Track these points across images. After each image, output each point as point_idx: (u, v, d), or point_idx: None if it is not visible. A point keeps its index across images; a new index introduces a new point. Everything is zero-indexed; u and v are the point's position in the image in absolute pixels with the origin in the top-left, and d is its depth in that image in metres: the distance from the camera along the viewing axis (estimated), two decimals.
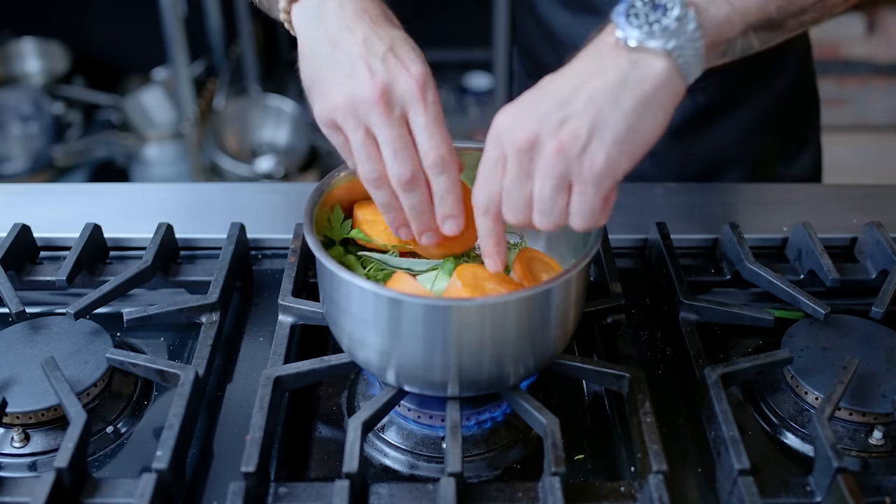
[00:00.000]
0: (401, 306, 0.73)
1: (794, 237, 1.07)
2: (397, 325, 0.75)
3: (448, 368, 0.76)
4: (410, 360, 0.77)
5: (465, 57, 3.81)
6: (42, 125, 3.11)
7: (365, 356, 0.80)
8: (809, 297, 0.94)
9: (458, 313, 0.74)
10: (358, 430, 0.77)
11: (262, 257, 1.12)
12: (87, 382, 0.87)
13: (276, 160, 3.24)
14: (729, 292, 1.05)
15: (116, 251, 1.10)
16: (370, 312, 0.76)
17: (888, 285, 0.97)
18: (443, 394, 0.79)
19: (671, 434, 0.85)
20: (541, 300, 0.75)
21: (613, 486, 0.77)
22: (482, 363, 0.77)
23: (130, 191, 1.26)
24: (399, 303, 0.73)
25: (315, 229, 0.81)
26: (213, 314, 0.95)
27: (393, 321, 0.75)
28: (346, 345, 0.82)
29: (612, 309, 0.94)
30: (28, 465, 0.84)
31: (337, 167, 0.88)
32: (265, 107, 3.36)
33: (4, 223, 1.05)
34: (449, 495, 0.73)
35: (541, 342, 0.79)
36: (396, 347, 0.76)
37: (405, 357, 0.77)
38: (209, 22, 3.41)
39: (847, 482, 0.73)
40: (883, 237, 1.03)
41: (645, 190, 1.21)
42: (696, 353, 0.90)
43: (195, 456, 0.84)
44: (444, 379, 0.77)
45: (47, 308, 1.02)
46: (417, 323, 0.74)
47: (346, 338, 0.81)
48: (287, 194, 1.22)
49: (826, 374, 0.87)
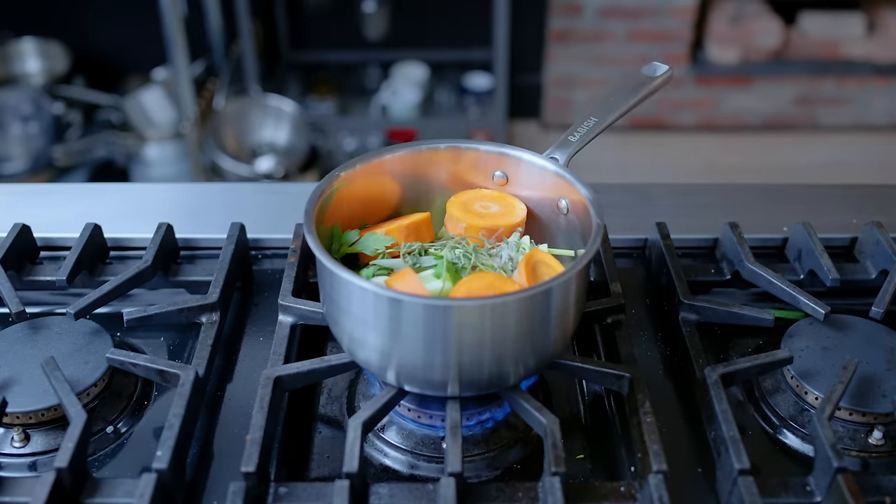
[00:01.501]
0: (401, 306, 0.74)
1: (794, 237, 1.07)
2: (398, 324, 0.75)
3: (448, 368, 0.76)
4: (411, 359, 0.77)
5: (465, 57, 3.81)
6: (42, 125, 3.11)
7: (365, 356, 0.80)
8: (809, 297, 0.94)
9: (458, 313, 0.74)
10: (358, 430, 0.77)
11: (262, 257, 1.12)
12: (87, 382, 0.87)
13: (276, 160, 3.24)
14: (729, 292, 1.05)
15: (116, 251, 1.10)
16: (370, 312, 0.76)
17: (888, 285, 0.97)
18: (443, 393, 0.79)
19: (671, 434, 0.85)
20: (540, 300, 0.75)
21: (613, 486, 0.77)
22: (482, 363, 0.77)
23: (130, 191, 1.26)
24: (399, 302, 0.73)
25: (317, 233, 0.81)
26: (213, 314, 0.95)
27: (393, 321, 0.75)
28: (347, 344, 0.82)
29: (612, 309, 0.94)
30: (28, 465, 0.84)
31: (337, 167, 0.88)
32: (265, 107, 3.37)
33: (4, 223, 1.05)
34: (449, 495, 0.73)
35: (541, 342, 0.79)
36: (397, 347, 0.76)
37: (405, 357, 0.77)
38: (209, 22, 3.41)
39: (847, 482, 0.73)
40: (883, 237, 1.03)
41: (645, 190, 1.21)
42: (696, 353, 0.90)
43: (195, 456, 0.84)
44: (444, 379, 0.77)
45: (47, 308, 1.02)
46: (418, 323, 0.74)
47: (346, 337, 0.81)
48: (287, 194, 1.22)
49: (826, 374, 0.87)
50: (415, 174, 0.93)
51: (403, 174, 0.93)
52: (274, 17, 3.77)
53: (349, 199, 0.89)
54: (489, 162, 0.93)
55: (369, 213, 0.92)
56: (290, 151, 3.33)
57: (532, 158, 0.91)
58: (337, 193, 0.87)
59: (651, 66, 0.97)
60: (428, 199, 0.95)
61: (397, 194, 0.93)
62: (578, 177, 0.86)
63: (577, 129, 0.91)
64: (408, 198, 0.94)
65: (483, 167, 0.93)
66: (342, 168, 0.87)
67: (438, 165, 0.93)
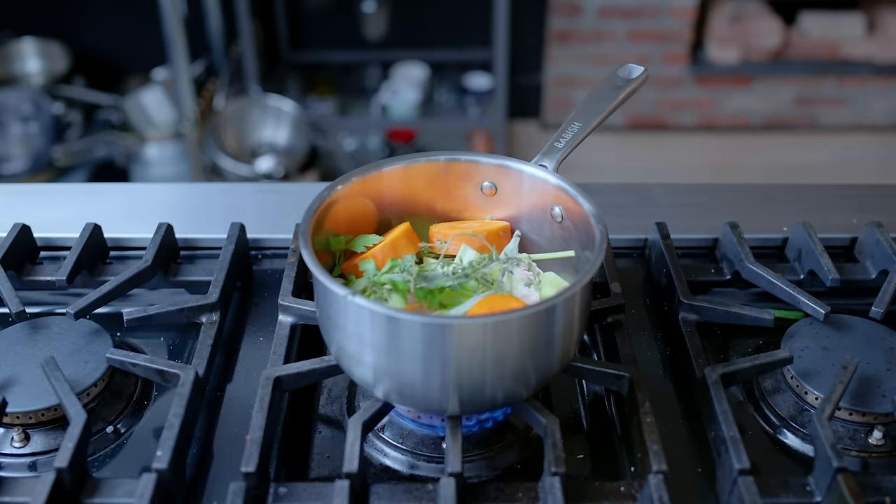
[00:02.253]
0: (398, 324, 0.72)
1: (794, 237, 1.07)
2: (396, 343, 0.73)
3: (447, 388, 0.75)
4: (409, 379, 0.75)
5: (465, 57, 3.81)
6: (42, 125, 3.11)
7: (360, 373, 0.78)
8: (809, 297, 0.94)
9: (458, 332, 0.72)
10: (358, 430, 0.77)
11: (262, 257, 1.12)
12: (87, 382, 0.87)
13: (276, 160, 3.24)
14: (729, 292, 1.05)
15: (116, 251, 1.10)
16: (366, 329, 0.74)
17: (888, 285, 0.97)
18: (442, 412, 0.79)
19: (671, 434, 0.85)
20: (544, 317, 0.74)
21: (613, 486, 0.77)
22: (484, 383, 0.75)
23: (130, 191, 1.26)
24: (397, 321, 0.72)
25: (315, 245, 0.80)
26: (213, 314, 0.95)
27: (392, 339, 0.73)
28: (341, 360, 0.81)
29: (612, 309, 0.94)
30: (28, 465, 0.84)
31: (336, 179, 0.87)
32: (265, 107, 3.37)
33: (4, 223, 1.05)
34: (449, 495, 0.73)
35: (544, 360, 0.77)
36: (393, 366, 0.75)
37: (404, 377, 0.75)
38: (209, 22, 3.41)
39: (847, 482, 0.73)
40: (883, 237, 1.03)
41: (645, 190, 1.21)
42: (696, 353, 0.90)
43: (195, 456, 0.84)
44: (442, 399, 0.76)
45: (47, 308, 1.02)
46: (416, 342, 0.72)
47: (342, 353, 0.80)
48: (287, 194, 1.22)
49: (826, 374, 0.87)
50: (403, 190, 0.92)
51: (391, 190, 0.91)
52: (274, 17, 3.77)
53: (348, 208, 0.89)
54: (477, 173, 0.92)
55: (360, 225, 0.91)
56: (290, 151, 3.33)
57: (521, 167, 0.90)
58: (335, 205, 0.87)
59: (626, 67, 0.98)
60: (417, 211, 0.94)
61: (385, 209, 0.92)
62: (575, 185, 0.85)
63: (562, 134, 0.91)
64: (397, 212, 0.93)
65: (471, 178, 0.92)
66: (341, 180, 0.87)
67: (425, 179, 0.92)
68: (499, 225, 0.92)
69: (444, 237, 0.91)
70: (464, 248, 0.89)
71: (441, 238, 0.91)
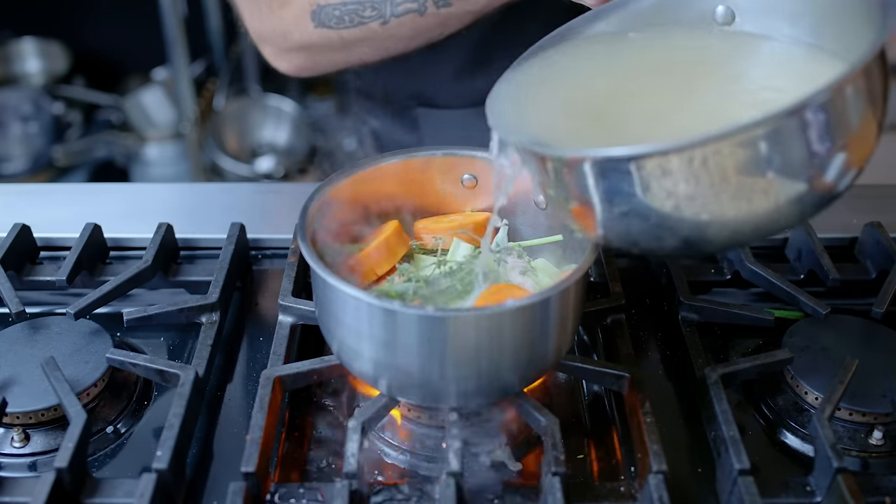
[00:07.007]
0: (395, 317, 0.72)
1: (794, 237, 1.07)
2: (393, 335, 0.73)
3: (445, 380, 0.75)
4: (406, 371, 0.76)
5: None
6: (42, 125, 3.11)
7: (360, 367, 0.79)
8: (809, 297, 0.94)
9: (453, 324, 0.72)
10: (358, 430, 0.77)
11: (262, 257, 1.12)
12: (87, 382, 0.87)
13: (276, 160, 3.24)
14: (729, 292, 1.05)
15: (116, 251, 1.10)
16: (364, 323, 0.75)
17: (888, 285, 0.97)
18: (440, 405, 0.79)
19: (671, 434, 0.85)
20: (538, 310, 0.74)
21: (613, 486, 0.77)
22: (479, 374, 0.75)
23: (130, 191, 1.26)
24: (394, 314, 0.72)
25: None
26: (213, 314, 0.95)
27: (389, 332, 0.73)
28: (341, 355, 0.81)
29: (612, 309, 0.94)
30: (28, 465, 0.84)
31: (335, 173, 0.87)
32: (265, 107, 3.36)
33: (4, 223, 1.05)
34: (449, 495, 0.73)
35: (539, 352, 0.77)
36: (393, 359, 0.75)
37: (401, 368, 0.76)
38: (209, 22, 3.41)
39: (847, 482, 0.73)
40: (883, 237, 1.03)
41: None
42: (696, 353, 0.90)
43: (195, 456, 0.84)
44: (440, 390, 0.76)
45: (47, 308, 1.02)
46: (412, 334, 0.73)
47: (342, 348, 0.80)
48: (287, 194, 1.22)
49: (826, 374, 0.87)
50: (384, 188, 0.92)
51: (371, 190, 0.91)
52: None
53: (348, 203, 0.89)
54: (457, 166, 0.92)
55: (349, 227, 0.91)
56: (290, 151, 3.33)
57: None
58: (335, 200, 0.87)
59: None
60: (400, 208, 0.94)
61: (370, 209, 0.92)
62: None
63: None
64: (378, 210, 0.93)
65: (451, 172, 0.92)
66: (340, 173, 0.87)
67: (405, 176, 0.92)
68: (483, 216, 0.93)
69: (430, 232, 0.92)
70: (456, 242, 0.89)
71: (427, 233, 0.92)
